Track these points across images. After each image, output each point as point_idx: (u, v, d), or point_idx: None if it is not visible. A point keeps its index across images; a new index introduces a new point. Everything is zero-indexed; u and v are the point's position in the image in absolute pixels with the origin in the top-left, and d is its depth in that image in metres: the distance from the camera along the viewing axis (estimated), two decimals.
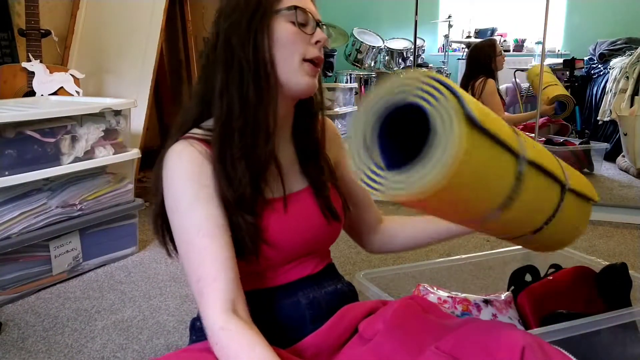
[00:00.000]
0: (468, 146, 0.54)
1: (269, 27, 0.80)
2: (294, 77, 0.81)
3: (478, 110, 0.57)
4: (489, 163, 0.60)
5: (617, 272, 1.28)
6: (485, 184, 0.61)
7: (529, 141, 0.71)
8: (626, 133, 3.47)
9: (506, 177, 0.63)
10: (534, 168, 0.68)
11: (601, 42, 4.37)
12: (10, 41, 2.40)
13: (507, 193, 0.64)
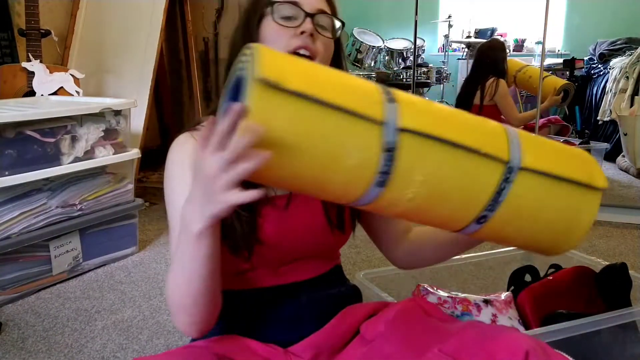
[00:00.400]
0: (259, 108, 0.54)
1: (258, 29, 0.82)
2: None
3: (282, 71, 0.56)
4: (324, 131, 0.57)
5: (617, 272, 1.29)
6: (332, 155, 0.57)
7: (433, 112, 0.63)
8: (626, 133, 3.47)
9: (367, 149, 0.58)
10: (422, 138, 0.60)
11: (601, 42, 4.38)
12: (10, 41, 2.40)
13: (375, 167, 0.59)
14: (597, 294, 1.30)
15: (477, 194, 0.64)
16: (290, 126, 0.56)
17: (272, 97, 0.55)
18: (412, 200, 0.62)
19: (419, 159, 0.61)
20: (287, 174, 0.58)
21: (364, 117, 0.58)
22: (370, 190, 0.60)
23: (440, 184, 0.62)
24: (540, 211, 0.67)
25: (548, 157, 0.68)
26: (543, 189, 0.66)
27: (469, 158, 0.62)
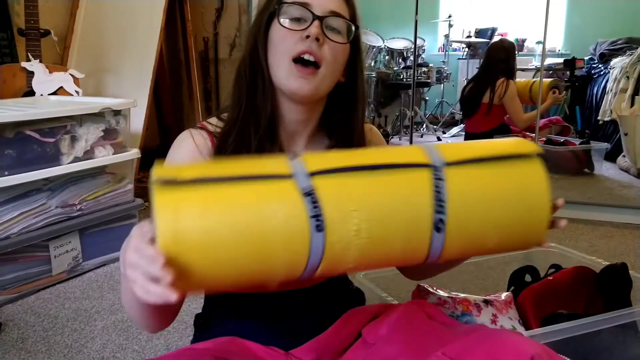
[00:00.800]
0: (164, 207, 0.56)
1: (266, 31, 0.79)
2: (284, 80, 0.78)
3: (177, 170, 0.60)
4: (241, 202, 0.58)
5: (617, 272, 1.28)
6: (258, 222, 0.58)
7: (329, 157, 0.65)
8: (627, 133, 3.47)
9: (289, 200, 0.60)
10: (335, 174, 0.62)
11: (601, 41, 4.37)
12: (10, 41, 2.40)
13: (305, 214, 0.59)
14: (597, 294, 1.30)
15: (418, 200, 0.63)
16: (204, 213, 0.57)
17: (173, 191, 0.57)
18: (359, 233, 0.61)
19: (341, 191, 0.62)
20: (228, 266, 0.58)
21: (273, 176, 0.61)
22: (313, 238, 0.59)
23: (377, 205, 0.63)
24: (488, 196, 0.67)
25: (468, 149, 0.69)
26: (477, 174, 0.67)
27: (391, 173, 0.64)
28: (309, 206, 0.60)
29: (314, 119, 0.85)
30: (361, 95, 0.85)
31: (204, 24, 3.24)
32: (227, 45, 3.24)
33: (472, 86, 3.52)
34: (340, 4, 0.80)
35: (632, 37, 4.18)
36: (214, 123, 0.83)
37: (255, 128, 0.79)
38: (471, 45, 5.39)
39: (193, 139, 0.81)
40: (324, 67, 0.77)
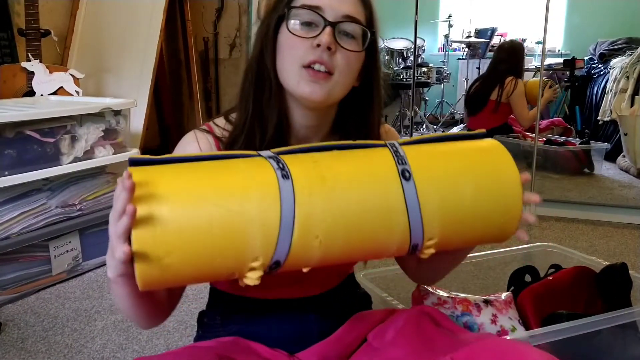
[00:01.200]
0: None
1: (274, 35, 0.76)
2: (294, 86, 0.74)
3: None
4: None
5: (617, 272, 1.28)
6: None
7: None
8: (626, 133, 3.47)
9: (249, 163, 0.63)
10: (296, 152, 0.66)
11: (601, 41, 4.37)
12: (10, 41, 2.40)
13: (269, 172, 0.62)
14: (597, 294, 1.30)
15: (380, 155, 0.67)
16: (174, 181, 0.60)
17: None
18: (324, 180, 0.63)
19: (304, 156, 0.65)
20: (195, 248, 0.59)
21: (241, 155, 0.65)
22: (282, 185, 0.61)
23: (341, 162, 0.65)
24: (447, 151, 0.70)
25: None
26: (431, 146, 0.71)
27: (354, 150, 0.68)
28: (273, 162, 0.63)
29: (326, 124, 0.82)
30: (377, 100, 0.82)
31: (204, 24, 3.24)
32: (227, 45, 3.24)
33: (480, 83, 3.60)
34: (356, 6, 0.75)
35: (632, 37, 4.17)
36: (221, 125, 0.81)
37: (262, 135, 0.76)
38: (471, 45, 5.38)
39: (198, 143, 0.78)
40: (337, 74, 0.74)
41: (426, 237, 0.66)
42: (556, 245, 1.55)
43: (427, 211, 0.65)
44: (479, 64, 5.18)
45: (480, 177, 0.68)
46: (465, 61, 5.46)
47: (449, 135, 0.74)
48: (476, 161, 0.69)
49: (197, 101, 3.05)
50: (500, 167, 0.70)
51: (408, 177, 0.65)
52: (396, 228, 0.65)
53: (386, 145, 0.69)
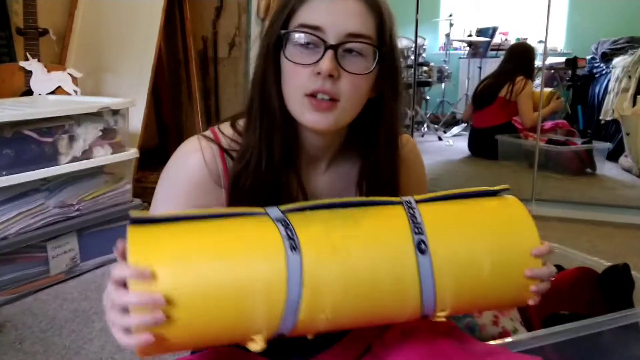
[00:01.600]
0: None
1: (275, 57, 0.71)
2: (298, 114, 0.70)
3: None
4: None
5: (619, 273, 1.28)
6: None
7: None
8: (629, 132, 3.46)
9: (258, 227, 0.61)
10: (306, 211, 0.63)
11: (603, 41, 4.35)
12: (8, 40, 2.39)
13: (276, 241, 0.59)
14: (599, 295, 1.29)
15: (395, 221, 0.64)
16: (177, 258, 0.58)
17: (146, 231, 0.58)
18: (337, 251, 0.60)
19: (312, 217, 0.63)
20: (205, 320, 0.57)
21: (248, 214, 0.62)
22: (289, 258, 0.58)
23: (355, 229, 0.62)
24: (465, 214, 0.67)
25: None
26: (449, 204, 0.67)
27: (367, 209, 0.66)
28: (282, 229, 0.59)
29: (337, 142, 0.78)
30: (389, 112, 0.75)
31: (203, 23, 3.23)
32: (226, 44, 3.23)
33: (490, 80, 3.73)
34: (362, 19, 0.68)
35: (634, 37, 4.16)
36: (227, 134, 0.77)
37: (270, 157, 0.72)
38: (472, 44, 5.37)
39: (202, 153, 0.74)
40: (343, 101, 0.69)
41: (438, 308, 0.64)
42: (558, 245, 1.54)
43: (441, 286, 0.62)
44: (480, 63, 5.17)
45: (499, 251, 0.65)
46: (467, 60, 5.45)
47: (469, 191, 0.70)
48: (496, 231, 0.66)
49: (196, 100, 3.04)
50: (521, 240, 0.66)
51: (424, 250, 0.61)
52: (408, 302, 0.62)
53: (402, 204, 0.65)
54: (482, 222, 0.66)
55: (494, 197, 0.71)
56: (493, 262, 0.64)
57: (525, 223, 0.67)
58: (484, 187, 0.71)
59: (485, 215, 0.67)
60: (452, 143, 4.42)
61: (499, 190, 0.71)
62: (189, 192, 0.74)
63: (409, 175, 0.83)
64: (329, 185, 0.81)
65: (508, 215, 0.68)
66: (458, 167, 3.81)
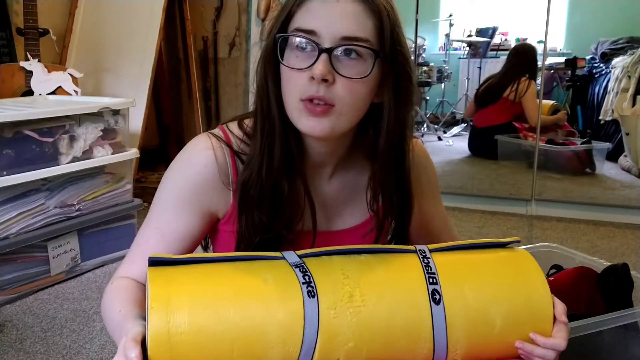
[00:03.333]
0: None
1: (275, 64, 0.70)
2: (295, 120, 0.69)
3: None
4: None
5: (618, 273, 1.28)
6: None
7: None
8: (628, 133, 3.46)
9: (273, 270, 0.62)
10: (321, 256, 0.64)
11: (603, 41, 4.36)
12: (9, 40, 2.39)
13: (294, 289, 0.60)
14: (598, 295, 1.29)
15: (410, 272, 0.65)
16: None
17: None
18: (353, 299, 0.61)
19: (332, 267, 0.64)
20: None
21: (265, 257, 0.64)
22: (306, 305, 0.59)
23: (368, 276, 0.63)
24: (478, 265, 0.68)
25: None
26: (462, 254, 0.69)
27: (382, 256, 0.67)
28: (299, 275, 0.60)
29: (342, 147, 0.77)
30: (390, 119, 0.71)
31: (203, 23, 3.23)
32: (226, 44, 3.23)
33: (494, 79, 3.75)
34: (358, 20, 0.66)
35: (634, 37, 4.16)
36: (236, 134, 0.76)
37: (269, 165, 0.71)
38: (472, 44, 5.37)
39: (214, 152, 0.73)
40: (339, 105, 0.67)
41: (449, 358, 0.64)
42: (557, 245, 1.54)
43: (453, 335, 0.63)
44: (480, 64, 5.16)
45: (511, 305, 0.65)
46: (467, 60, 5.45)
47: (481, 242, 0.71)
48: (508, 286, 0.66)
49: (196, 100, 3.04)
50: (533, 295, 0.67)
51: (438, 301, 0.62)
52: (420, 352, 0.63)
53: (416, 253, 0.66)
54: (494, 275, 0.67)
55: (505, 248, 0.72)
56: (504, 316, 0.65)
57: (536, 277, 0.68)
58: (495, 239, 0.72)
59: (497, 268, 0.68)
60: (452, 143, 4.42)
61: (509, 242, 0.72)
62: (198, 189, 0.74)
63: (420, 180, 0.82)
64: (335, 191, 0.80)
65: (520, 270, 0.69)
66: (458, 167, 3.81)
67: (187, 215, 0.74)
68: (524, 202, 2.82)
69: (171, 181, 0.76)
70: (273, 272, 0.61)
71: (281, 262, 0.63)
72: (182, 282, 0.59)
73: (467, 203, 2.87)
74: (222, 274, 0.61)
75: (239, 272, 0.61)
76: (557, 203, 2.77)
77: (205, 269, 0.61)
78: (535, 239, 2.37)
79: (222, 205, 0.76)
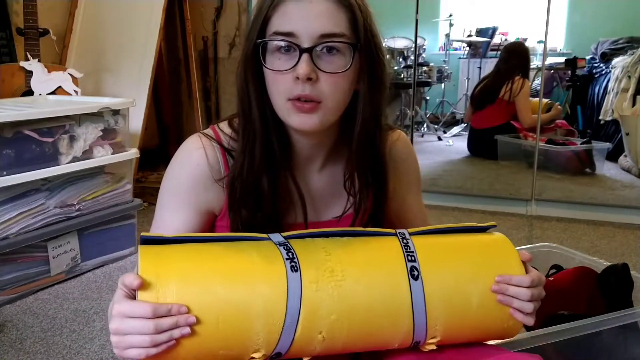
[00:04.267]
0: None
1: (255, 63, 0.72)
2: (285, 117, 0.72)
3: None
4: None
5: (618, 273, 1.27)
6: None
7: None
8: (628, 133, 3.46)
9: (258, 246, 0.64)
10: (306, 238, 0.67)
11: (603, 41, 4.36)
12: (9, 40, 2.39)
13: (277, 262, 0.62)
14: (598, 295, 1.29)
15: (389, 246, 0.68)
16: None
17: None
18: (334, 274, 0.63)
19: (313, 243, 0.67)
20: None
21: (251, 238, 0.67)
22: (289, 278, 0.61)
23: (350, 253, 0.66)
24: (454, 244, 0.71)
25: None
26: (439, 236, 0.72)
27: (363, 239, 0.70)
28: (283, 252, 0.63)
29: (330, 137, 0.79)
30: (364, 103, 0.74)
31: (203, 23, 3.23)
32: (226, 44, 3.24)
33: (489, 80, 3.75)
34: (333, 18, 0.69)
35: (634, 37, 4.16)
36: (227, 132, 0.78)
37: (250, 164, 0.74)
38: (472, 44, 5.37)
39: (205, 151, 0.76)
40: (325, 100, 0.70)
41: (429, 335, 0.67)
42: (557, 245, 1.54)
43: (432, 311, 0.65)
44: (480, 64, 5.16)
45: (488, 284, 0.68)
46: (467, 60, 5.45)
47: (459, 226, 0.74)
48: (484, 264, 0.69)
49: (196, 100, 3.04)
50: (508, 272, 0.69)
51: (416, 276, 0.65)
52: (400, 327, 0.65)
53: (396, 235, 0.69)
54: (471, 254, 0.70)
55: (483, 233, 0.75)
56: (481, 292, 0.68)
57: (512, 258, 0.71)
58: (474, 224, 0.75)
59: (474, 248, 0.71)
60: (452, 143, 4.42)
61: (487, 227, 0.75)
62: (192, 188, 0.76)
63: (397, 168, 0.84)
64: (323, 183, 0.82)
65: (496, 250, 0.71)
66: (458, 167, 3.81)
67: (185, 214, 0.77)
68: (524, 202, 2.82)
69: (167, 183, 0.79)
70: (258, 250, 0.64)
71: (267, 242, 0.66)
72: (172, 259, 0.61)
73: (467, 203, 2.87)
74: (210, 252, 0.63)
75: (226, 250, 0.64)
76: (557, 203, 2.77)
77: (194, 247, 0.64)
78: (535, 239, 2.38)
79: (217, 202, 0.78)
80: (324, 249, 0.65)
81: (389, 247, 0.68)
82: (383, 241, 0.69)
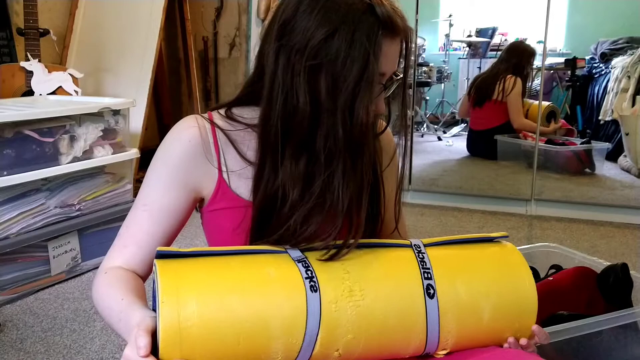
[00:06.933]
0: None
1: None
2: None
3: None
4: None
5: (618, 273, 1.28)
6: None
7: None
8: (628, 133, 3.46)
9: (277, 266, 0.64)
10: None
11: (603, 41, 4.36)
12: (9, 40, 2.40)
13: (297, 283, 0.63)
14: (598, 295, 1.29)
15: (406, 265, 0.68)
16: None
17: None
18: (353, 294, 0.64)
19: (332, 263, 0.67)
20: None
21: (269, 251, 0.67)
22: (309, 298, 0.62)
23: (367, 270, 0.66)
24: (469, 260, 0.72)
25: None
26: (454, 249, 0.73)
27: (379, 250, 0.70)
28: (302, 270, 0.63)
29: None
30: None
31: (203, 23, 3.23)
32: (226, 44, 3.24)
33: (485, 77, 3.76)
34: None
35: (634, 37, 4.16)
36: (222, 114, 0.78)
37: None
38: (472, 44, 5.37)
39: (200, 131, 0.75)
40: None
41: (440, 348, 0.69)
42: (557, 245, 1.54)
43: (445, 327, 0.67)
44: (479, 64, 5.16)
45: (499, 298, 0.70)
46: (466, 60, 5.45)
47: (471, 238, 0.76)
48: (497, 281, 0.71)
49: (196, 101, 3.05)
50: (520, 288, 0.71)
51: (432, 295, 0.67)
52: (414, 342, 0.67)
53: (412, 247, 0.71)
54: (484, 270, 0.72)
55: (494, 243, 0.77)
56: (492, 307, 0.69)
57: (523, 270, 0.72)
58: (484, 234, 0.77)
59: (487, 263, 0.73)
60: (452, 143, 4.42)
61: (496, 237, 0.77)
62: (182, 163, 0.75)
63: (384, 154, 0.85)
64: None
65: (508, 264, 0.73)
66: (457, 167, 3.81)
67: (174, 191, 0.76)
68: (524, 202, 2.82)
69: (159, 160, 0.77)
70: (276, 266, 0.64)
71: (284, 256, 0.66)
72: (190, 276, 0.61)
73: (467, 203, 2.87)
74: (227, 267, 0.63)
75: (243, 265, 0.64)
76: (557, 203, 2.78)
77: (211, 262, 0.64)
78: (534, 239, 2.38)
79: (207, 182, 0.77)
80: (343, 266, 0.66)
81: (406, 263, 0.69)
82: (399, 255, 0.70)
